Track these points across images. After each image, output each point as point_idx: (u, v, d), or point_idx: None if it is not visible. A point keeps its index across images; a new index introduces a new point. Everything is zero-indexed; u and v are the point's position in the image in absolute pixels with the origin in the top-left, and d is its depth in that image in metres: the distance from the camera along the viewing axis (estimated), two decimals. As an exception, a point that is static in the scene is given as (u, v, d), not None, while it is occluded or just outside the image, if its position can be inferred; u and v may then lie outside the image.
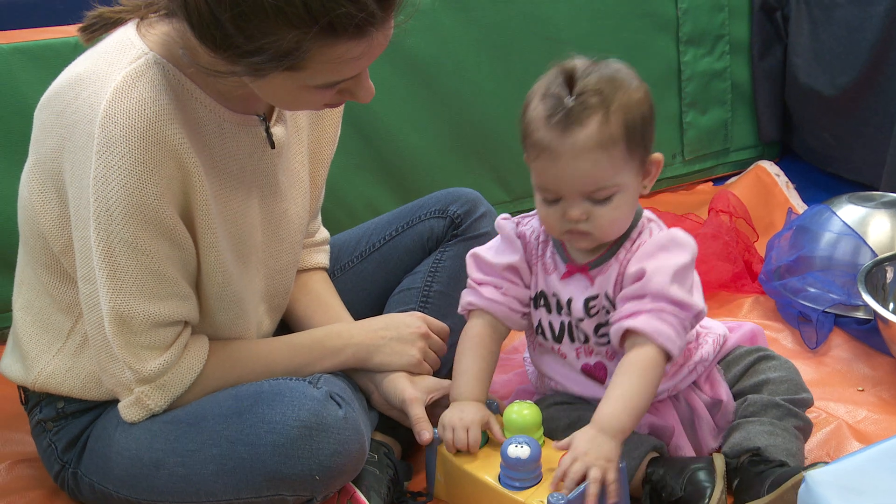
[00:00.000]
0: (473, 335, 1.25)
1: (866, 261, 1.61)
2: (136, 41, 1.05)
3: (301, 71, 0.98)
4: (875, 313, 1.46)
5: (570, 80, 1.11)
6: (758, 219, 1.93)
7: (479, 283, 1.25)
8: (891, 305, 1.58)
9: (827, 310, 1.62)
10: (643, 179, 1.16)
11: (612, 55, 2.09)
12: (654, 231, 1.20)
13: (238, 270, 1.16)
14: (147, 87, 1.02)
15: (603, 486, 1.08)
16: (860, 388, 1.47)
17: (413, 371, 1.27)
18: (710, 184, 2.25)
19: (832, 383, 1.49)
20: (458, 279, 1.37)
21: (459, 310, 1.27)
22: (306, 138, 1.26)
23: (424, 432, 1.22)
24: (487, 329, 1.25)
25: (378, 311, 1.40)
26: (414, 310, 1.34)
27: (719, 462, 1.18)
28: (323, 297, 1.35)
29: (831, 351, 1.57)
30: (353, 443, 1.10)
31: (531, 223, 1.25)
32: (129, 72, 1.02)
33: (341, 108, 1.29)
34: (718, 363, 1.29)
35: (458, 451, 1.20)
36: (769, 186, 2.08)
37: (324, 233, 1.41)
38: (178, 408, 1.14)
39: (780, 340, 1.61)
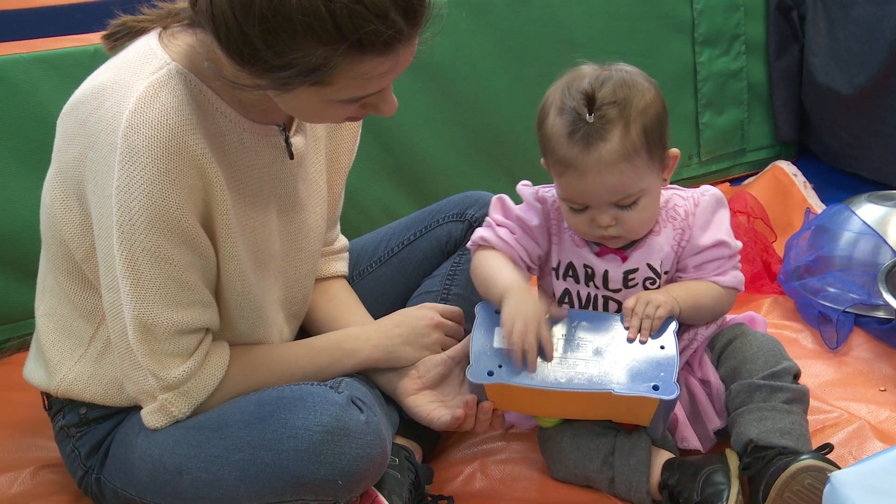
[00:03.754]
0: (488, 255, 1.25)
1: (886, 260, 1.60)
2: (159, 51, 1.06)
3: (328, 86, 0.99)
4: (896, 313, 1.46)
5: (586, 94, 1.14)
6: (776, 219, 1.92)
7: (498, 224, 1.27)
8: (912, 305, 1.57)
9: (847, 309, 1.61)
10: (662, 173, 1.20)
11: (627, 57, 2.09)
12: (682, 195, 1.25)
13: (257, 279, 1.16)
14: (169, 97, 1.03)
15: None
16: (882, 388, 1.47)
17: None
18: (728, 184, 2.24)
19: (854, 383, 1.48)
20: (478, 282, 1.38)
21: (469, 244, 1.28)
22: (324, 148, 1.27)
23: (444, 416, 1.22)
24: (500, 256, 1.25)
25: (397, 315, 1.41)
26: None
27: (733, 460, 1.18)
28: (345, 302, 1.35)
29: (852, 351, 1.57)
30: (375, 447, 1.11)
31: (553, 192, 1.27)
32: (151, 82, 1.03)
33: (360, 121, 1.30)
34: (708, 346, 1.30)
35: None
36: (787, 186, 2.07)
37: (342, 241, 1.41)
38: (200, 413, 1.14)
39: (801, 341, 1.60)
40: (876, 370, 1.51)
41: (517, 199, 1.25)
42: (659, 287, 1.25)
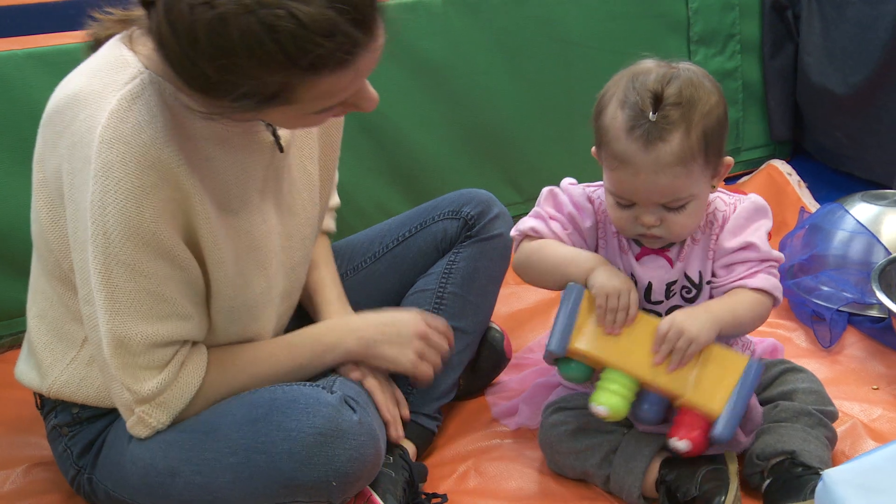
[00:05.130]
0: (548, 241, 1.24)
1: (880, 259, 1.60)
2: (131, 58, 1.05)
3: (294, 104, 0.98)
4: (889, 311, 1.46)
5: (652, 91, 1.11)
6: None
7: (551, 217, 1.25)
8: (905, 304, 1.57)
9: (841, 308, 1.61)
10: (712, 180, 1.18)
11: (622, 56, 2.08)
12: (725, 200, 1.23)
13: (256, 278, 1.16)
14: (142, 109, 1.02)
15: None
16: (875, 387, 1.47)
17: (409, 372, 1.26)
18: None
19: (847, 382, 1.48)
20: (472, 280, 1.37)
21: (515, 232, 1.27)
22: (316, 130, 1.25)
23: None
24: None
25: (392, 312, 1.41)
26: (428, 312, 1.34)
27: (732, 460, 1.18)
28: (314, 261, 1.34)
29: (845, 350, 1.57)
30: (368, 447, 1.10)
31: (599, 193, 1.25)
32: (124, 94, 1.02)
33: None
34: None
35: None
36: (781, 185, 2.08)
37: (335, 200, 1.41)
38: (184, 420, 1.13)
39: (794, 339, 1.61)
40: (869, 369, 1.52)
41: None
42: (696, 297, 1.23)
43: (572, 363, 1.20)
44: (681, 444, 1.16)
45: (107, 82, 1.03)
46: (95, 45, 1.11)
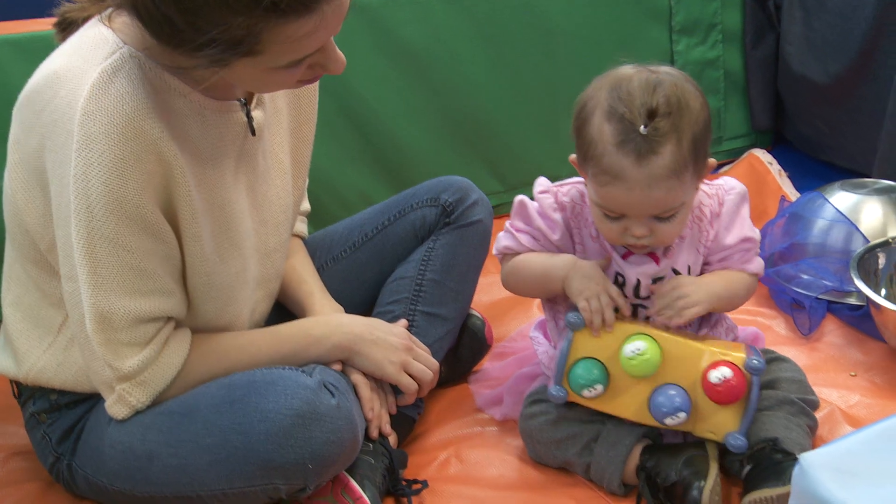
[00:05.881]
0: (524, 256, 1.27)
1: (859, 247, 1.61)
2: (110, 35, 1.05)
3: (260, 55, 0.98)
4: (867, 299, 1.47)
5: (641, 103, 1.09)
6: (751, 207, 1.91)
7: (518, 231, 1.27)
8: (883, 291, 1.58)
9: (820, 296, 1.62)
10: (697, 182, 1.18)
11: (605, 45, 2.08)
12: (707, 192, 1.24)
13: (231, 257, 1.15)
14: (124, 82, 1.02)
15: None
16: (853, 374, 1.48)
17: (393, 378, 1.26)
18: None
19: (825, 369, 1.49)
20: (451, 267, 1.37)
21: (495, 251, 1.30)
22: (285, 119, 1.25)
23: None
24: None
25: (372, 300, 1.41)
26: (407, 299, 1.34)
27: (712, 445, 1.19)
28: (291, 261, 1.35)
29: (824, 337, 1.58)
30: (346, 432, 1.10)
31: (573, 194, 1.25)
32: (105, 67, 1.02)
33: (316, 86, 1.29)
34: None
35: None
36: (762, 174, 2.08)
37: (305, 205, 1.42)
38: (163, 402, 1.13)
39: (774, 327, 1.61)
40: (847, 356, 1.53)
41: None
42: None
43: (581, 368, 1.20)
44: (721, 369, 1.15)
45: (87, 58, 1.04)
46: (67, 25, 1.10)
